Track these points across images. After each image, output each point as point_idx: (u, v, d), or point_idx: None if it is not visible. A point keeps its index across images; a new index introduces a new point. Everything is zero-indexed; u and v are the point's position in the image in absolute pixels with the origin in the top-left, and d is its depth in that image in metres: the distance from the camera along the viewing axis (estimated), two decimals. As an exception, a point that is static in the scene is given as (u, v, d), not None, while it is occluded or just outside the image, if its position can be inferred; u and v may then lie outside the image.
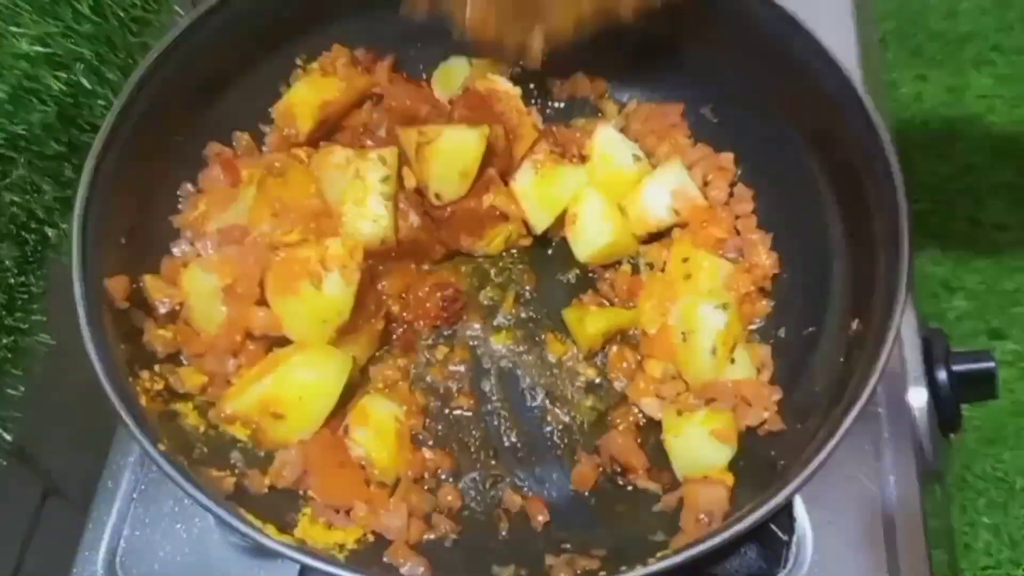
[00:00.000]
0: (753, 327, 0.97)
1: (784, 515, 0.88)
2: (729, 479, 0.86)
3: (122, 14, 1.02)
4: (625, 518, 0.90)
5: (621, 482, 0.92)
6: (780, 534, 0.88)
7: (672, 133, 1.06)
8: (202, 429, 0.88)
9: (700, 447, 0.88)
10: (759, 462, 0.87)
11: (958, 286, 1.70)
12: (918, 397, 0.99)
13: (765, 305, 0.98)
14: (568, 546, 0.87)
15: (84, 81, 0.96)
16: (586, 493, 0.92)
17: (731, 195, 1.03)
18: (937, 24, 2.13)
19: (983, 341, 1.65)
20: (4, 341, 0.90)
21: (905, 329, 1.01)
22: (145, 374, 0.87)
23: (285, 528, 0.82)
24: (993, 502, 1.49)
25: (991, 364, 0.99)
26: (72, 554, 0.93)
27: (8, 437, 0.90)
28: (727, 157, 1.04)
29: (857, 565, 0.89)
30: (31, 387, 0.93)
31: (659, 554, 0.79)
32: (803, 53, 0.92)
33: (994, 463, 1.52)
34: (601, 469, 0.92)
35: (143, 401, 0.83)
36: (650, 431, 0.94)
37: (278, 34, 1.03)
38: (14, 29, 0.90)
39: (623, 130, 1.07)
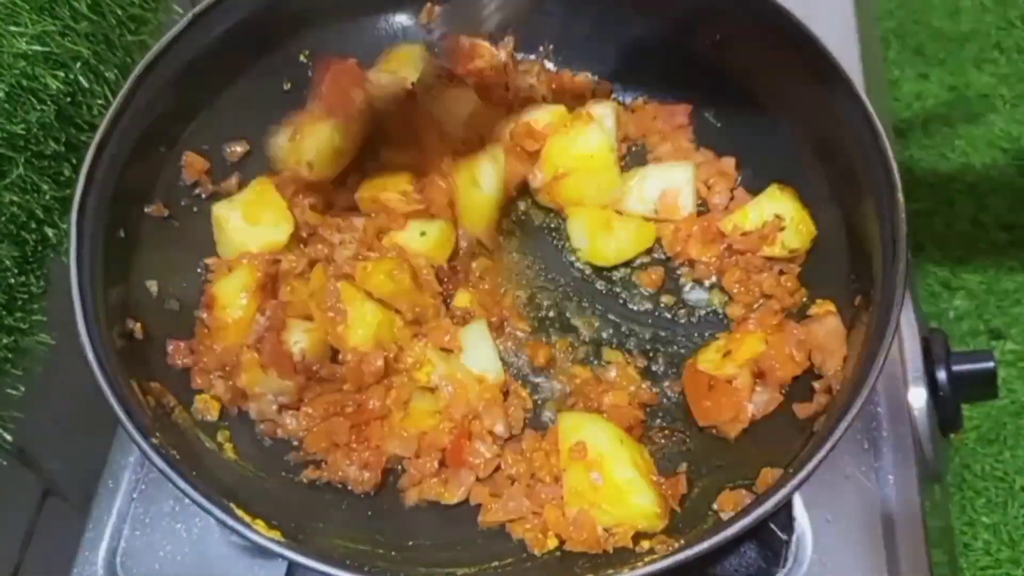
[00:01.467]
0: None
1: (783, 514, 0.88)
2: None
3: (120, 12, 1.02)
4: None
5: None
6: (779, 533, 0.88)
7: (676, 135, 1.06)
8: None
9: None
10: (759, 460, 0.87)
11: (958, 286, 1.70)
12: (918, 397, 0.99)
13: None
14: None
15: (82, 80, 0.96)
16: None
17: (732, 200, 1.03)
18: (939, 22, 2.13)
19: (983, 341, 1.65)
20: (4, 341, 0.90)
21: (905, 329, 1.01)
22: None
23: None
24: (992, 502, 1.49)
25: (991, 364, 0.99)
26: (72, 554, 0.93)
27: (8, 437, 0.90)
28: (728, 162, 1.04)
29: (857, 565, 0.89)
30: (31, 387, 0.93)
31: (658, 552, 0.79)
32: (809, 61, 0.92)
33: (993, 463, 1.52)
34: None
35: (138, 396, 0.83)
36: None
37: (279, 32, 1.03)
38: (12, 28, 0.90)
39: (626, 126, 1.07)
